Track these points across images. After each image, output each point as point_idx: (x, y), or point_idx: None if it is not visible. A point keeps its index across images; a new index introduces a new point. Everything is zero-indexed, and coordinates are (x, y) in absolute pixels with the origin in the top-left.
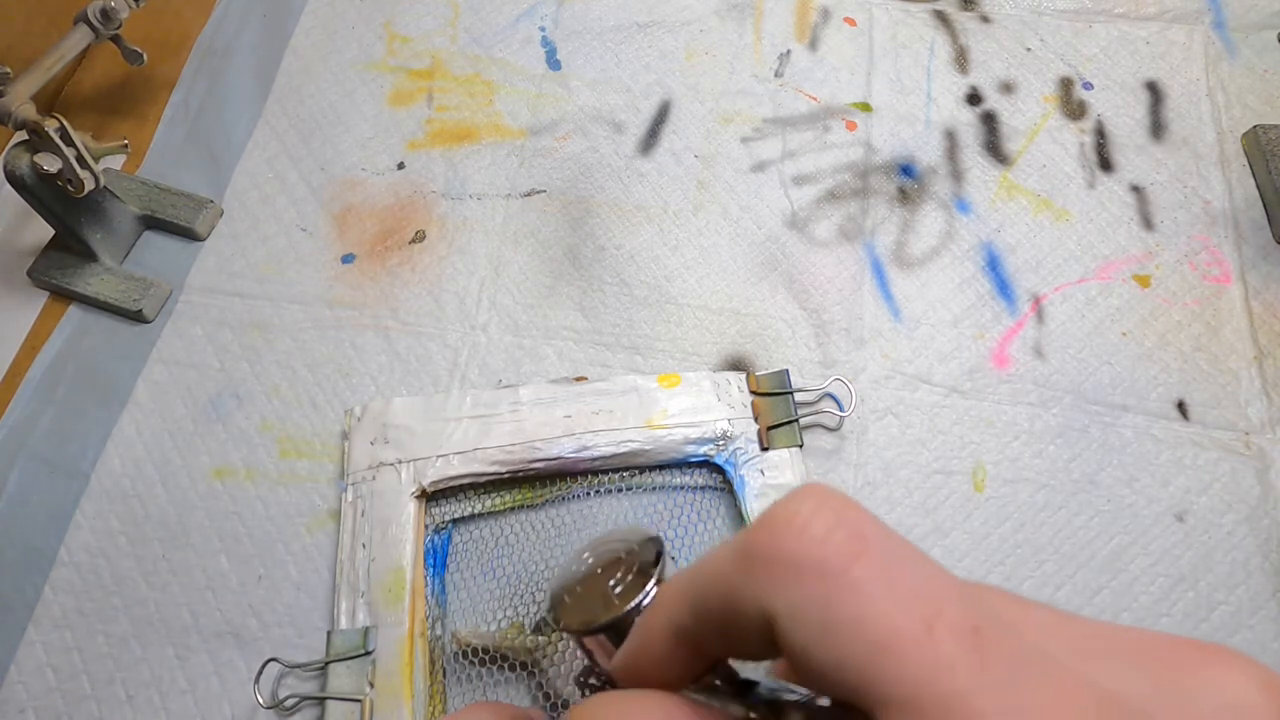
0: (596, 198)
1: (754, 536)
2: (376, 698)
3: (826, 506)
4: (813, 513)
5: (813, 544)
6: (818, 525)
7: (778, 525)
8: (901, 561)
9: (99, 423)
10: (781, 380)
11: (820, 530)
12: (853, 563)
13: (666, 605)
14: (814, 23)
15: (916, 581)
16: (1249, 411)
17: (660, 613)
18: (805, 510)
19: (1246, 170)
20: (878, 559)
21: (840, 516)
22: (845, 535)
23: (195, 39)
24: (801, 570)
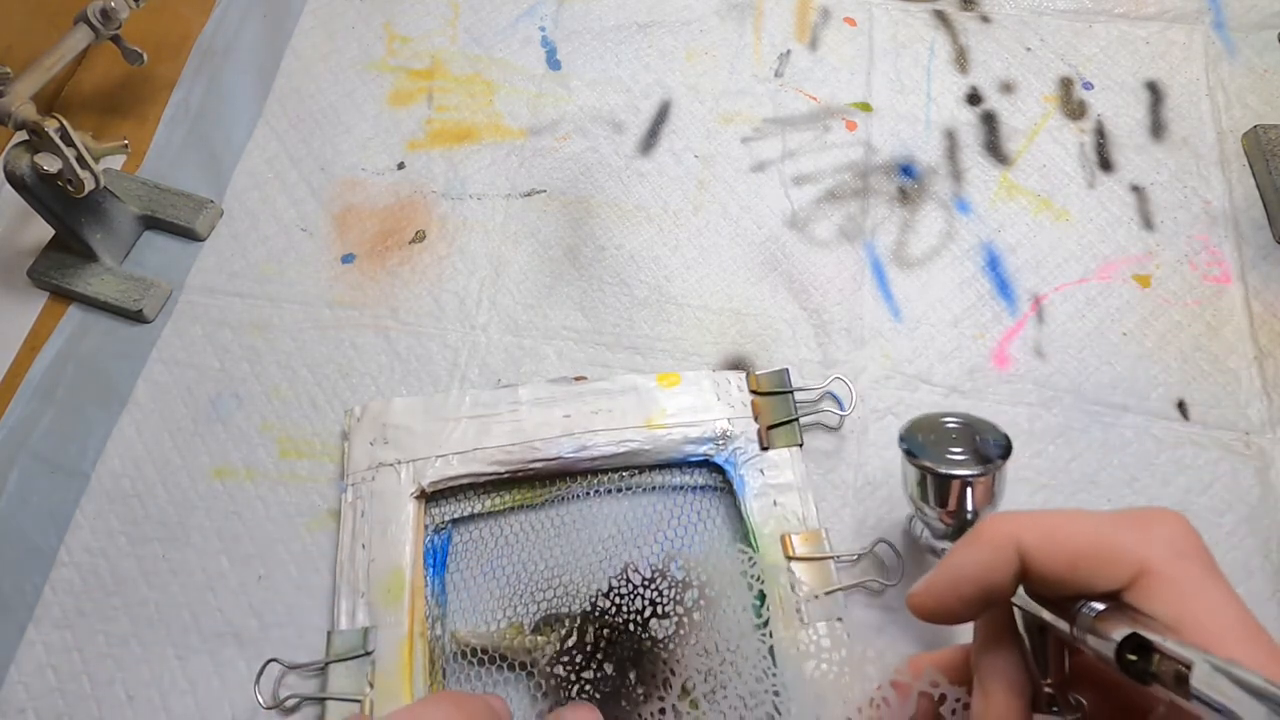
0: (596, 198)
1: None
2: (376, 698)
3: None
4: (1187, 526)
5: (1194, 542)
6: (1193, 537)
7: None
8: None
9: (99, 423)
10: (781, 380)
11: (1195, 540)
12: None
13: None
14: (814, 23)
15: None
16: (1249, 411)
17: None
18: (1178, 520)
19: (1246, 170)
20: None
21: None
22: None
23: (195, 39)
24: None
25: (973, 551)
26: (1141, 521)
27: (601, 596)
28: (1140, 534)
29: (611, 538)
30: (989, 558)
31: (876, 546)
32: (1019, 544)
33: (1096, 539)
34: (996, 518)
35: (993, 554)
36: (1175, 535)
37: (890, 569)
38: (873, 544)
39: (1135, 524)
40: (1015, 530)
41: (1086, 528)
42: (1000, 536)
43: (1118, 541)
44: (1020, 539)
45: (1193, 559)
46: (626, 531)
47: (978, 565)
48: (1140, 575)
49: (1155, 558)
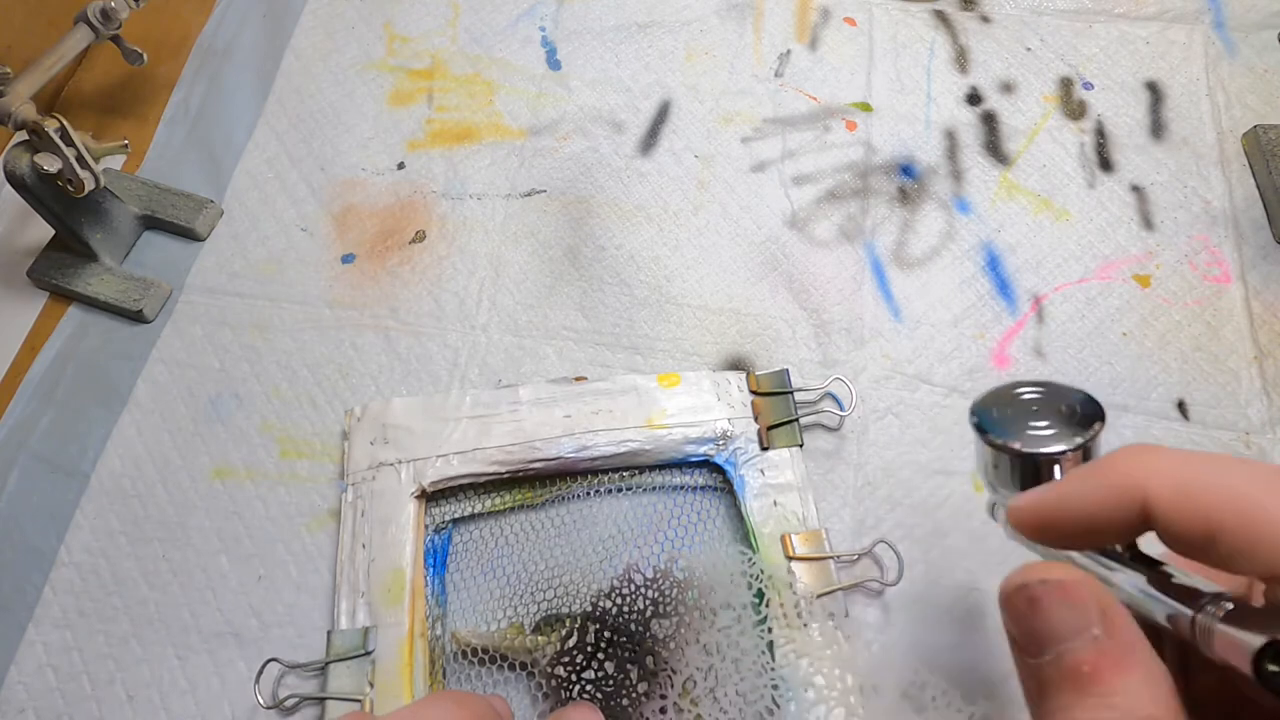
0: (596, 198)
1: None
2: (376, 698)
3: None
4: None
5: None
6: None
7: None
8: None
9: (99, 423)
10: (781, 380)
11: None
12: None
13: (1143, 471)
14: (814, 23)
15: None
16: (1249, 411)
17: (1130, 474)
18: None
19: (1246, 170)
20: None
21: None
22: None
23: (195, 39)
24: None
25: (1089, 487)
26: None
27: (603, 597)
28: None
29: (611, 538)
30: (1104, 500)
31: (876, 546)
32: (1145, 494)
33: (1245, 509)
34: (1129, 452)
35: (1110, 497)
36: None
37: (890, 569)
38: (873, 544)
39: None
40: (1144, 475)
41: (1235, 489)
42: (1124, 479)
43: (1268, 519)
44: (1148, 489)
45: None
46: (626, 532)
47: (1089, 506)
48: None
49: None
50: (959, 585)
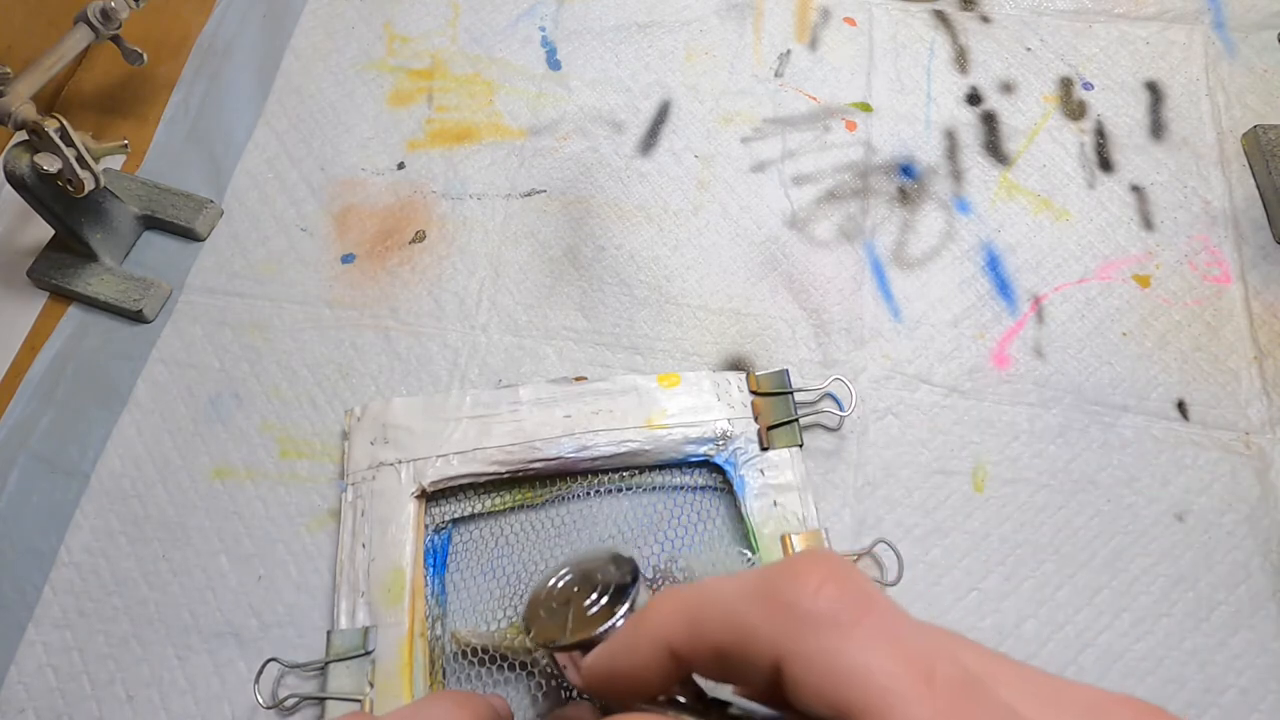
0: (596, 198)
1: (774, 586)
2: (376, 698)
3: (838, 571)
4: (826, 575)
5: (829, 601)
6: (831, 586)
7: (799, 580)
8: (899, 620)
9: (99, 423)
10: (781, 380)
11: (834, 590)
12: (861, 618)
13: (662, 619)
14: (814, 23)
15: (913, 638)
16: (1249, 411)
17: (653, 625)
18: (820, 572)
19: (1246, 170)
20: (880, 617)
21: (849, 579)
22: (854, 595)
23: (195, 39)
24: (819, 622)
25: (629, 647)
26: (773, 586)
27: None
28: (768, 608)
29: (611, 538)
30: (642, 656)
31: (876, 546)
32: (668, 643)
33: (733, 627)
34: (653, 603)
35: (645, 652)
36: (804, 595)
37: (890, 569)
38: (872, 544)
39: (765, 593)
40: (664, 627)
41: (726, 609)
42: (651, 633)
43: (749, 628)
44: (669, 637)
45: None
46: (626, 532)
47: (635, 664)
48: (781, 666)
49: (784, 640)
50: (959, 585)
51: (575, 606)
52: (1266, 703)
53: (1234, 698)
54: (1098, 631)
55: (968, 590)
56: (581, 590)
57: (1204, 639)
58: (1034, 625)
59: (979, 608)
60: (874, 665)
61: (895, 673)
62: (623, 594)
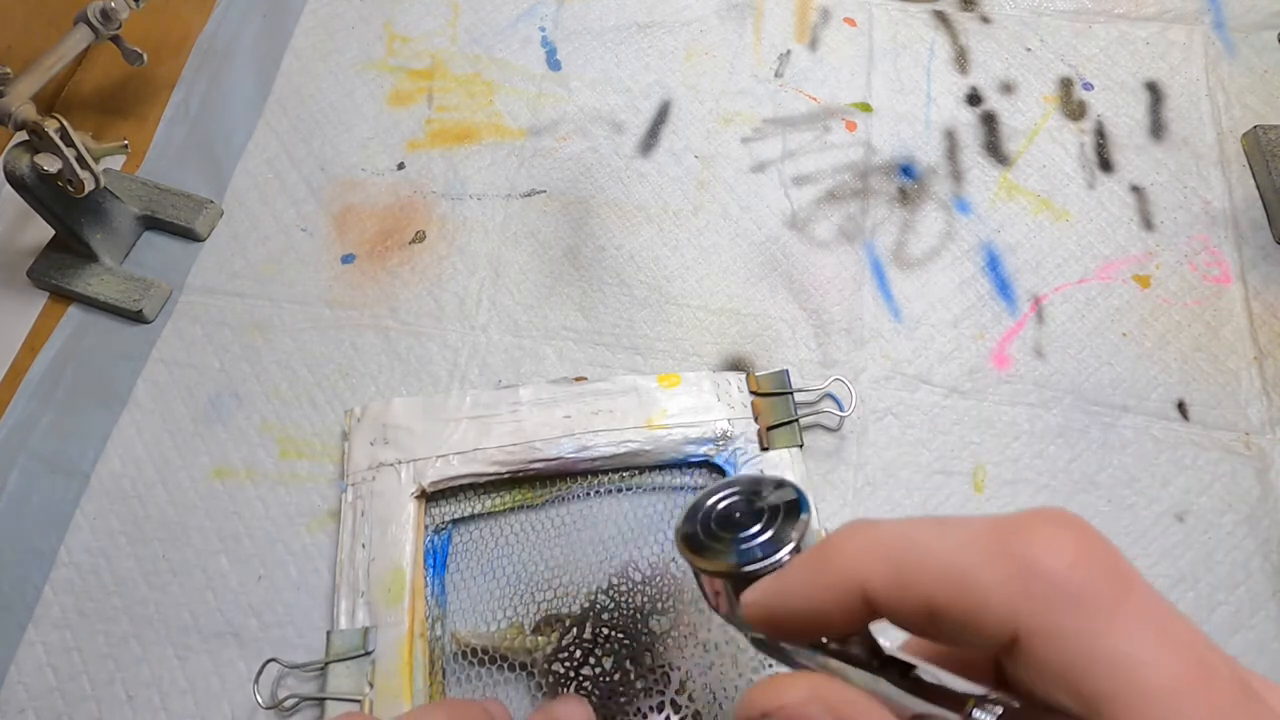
0: (596, 198)
1: (1015, 548)
2: (376, 698)
3: (1089, 539)
4: (1078, 544)
5: (1085, 575)
6: (1086, 558)
7: (1047, 543)
8: (1166, 608)
9: (99, 423)
10: (781, 380)
11: (1089, 563)
12: (1121, 601)
13: (858, 558)
14: (814, 23)
15: (1183, 630)
16: (1249, 412)
17: (846, 563)
18: (1068, 539)
19: (1246, 170)
20: (1144, 602)
21: (1105, 553)
22: (1111, 573)
23: (195, 39)
24: (1076, 598)
25: (810, 581)
26: (1012, 545)
27: (600, 593)
28: (1008, 570)
29: (612, 538)
30: (826, 595)
31: None
32: (864, 585)
33: (957, 584)
34: (845, 537)
35: (831, 591)
36: (1057, 563)
37: None
38: None
39: (1004, 552)
40: (860, 564)
41: (947, 564)
42: (842, 571)
43: (980, 590)
44: (867, 579)
45: (1083, 595)
46: (627, 532)
47: (814, 602)
48: (1018, 639)
49: (1029, 612)
50: None
51: (738, 531)
52: None
53: None
54: None
55: None
56: (745, 515)
57: None
58: None
59: None
60: (1144, 656)
61: (1169, 669)
62: (789, 526)
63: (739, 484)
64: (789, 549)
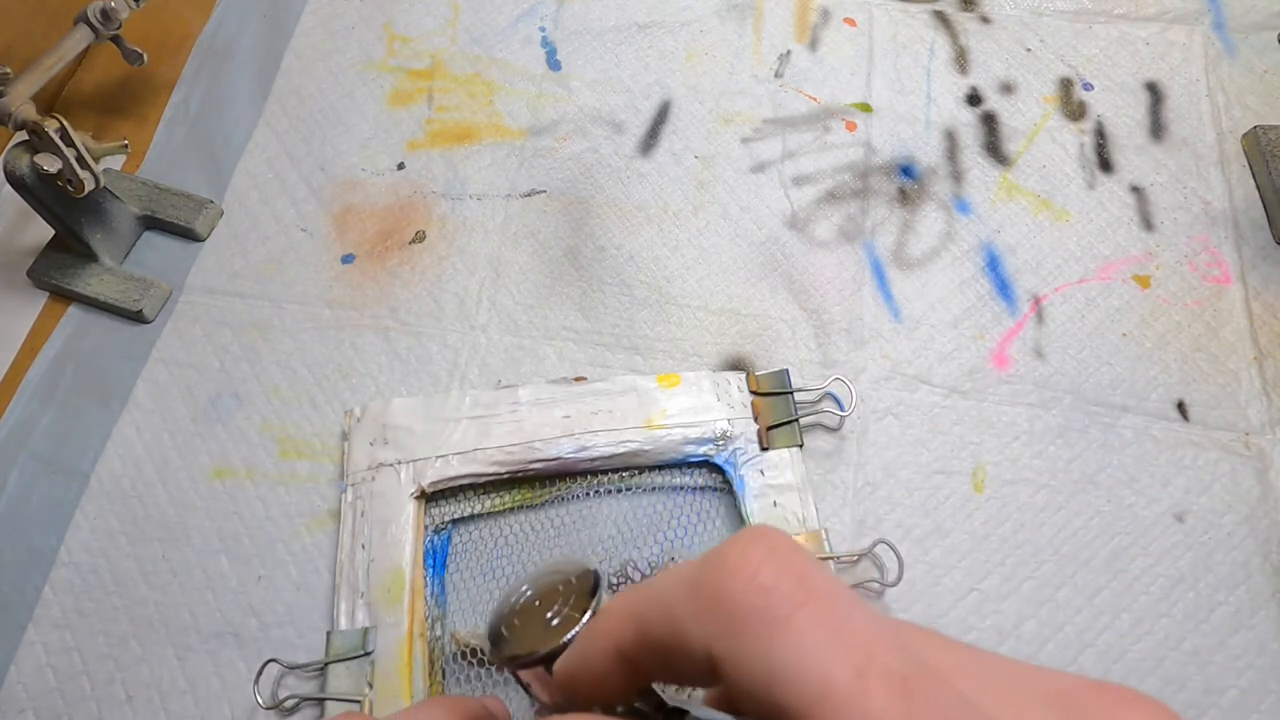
0: (596, 198)
1: (704, 577)
2: (376, 698)
3: (776, 553)
4: (762, 559)
5: (760, 591)
6: (766, 572)
7: (729, 569)
8: (842, 609)
9: (99, 423)
10: (781, 380)
11: (769, 577)
12: (797, 609)
13: (612, 623)
14: (814, 23)
15: (854, 629)
16: (1249, 412)
17: (605, 630)
18: (755, 556)
19: (1246, 171)
20: (820, 605)
21: (789, 562)
22: (791, 581)
23: (195, 39)
24: (749, 616)
25: (585, 654)
26: (704, 573)
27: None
28: (699, 597)
29: (611, 538)
30: (598, 664)
31: (876, 547)
32: (619, 650)
33: (664, 622)
34: (610, 605)
35: (601, 660)
36: (736, 582)
37: (890, 569)
38: (872, 545)
39: (697, 581)
40: (614, 629)
41: (659, 604)
42: (603, 638)
43: (679, 623)
44: (619, 644)
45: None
46: (626, 532)
47: (590, 672)
48: (716, 666)
49: (716, 636)
50: (959, 585)
51: (538, 621)
52: (1266, 703)
53: (1234, 698)
54: (1098, 632)
55: (968, 591)
56: (543, 604)
57: (1204, 639)
58: (1034, 626)
59: (979, 608)
60: (807, 662)
61: (830, 669)
62: (585, 604)
63: (536, 578)
64: (585, 621)
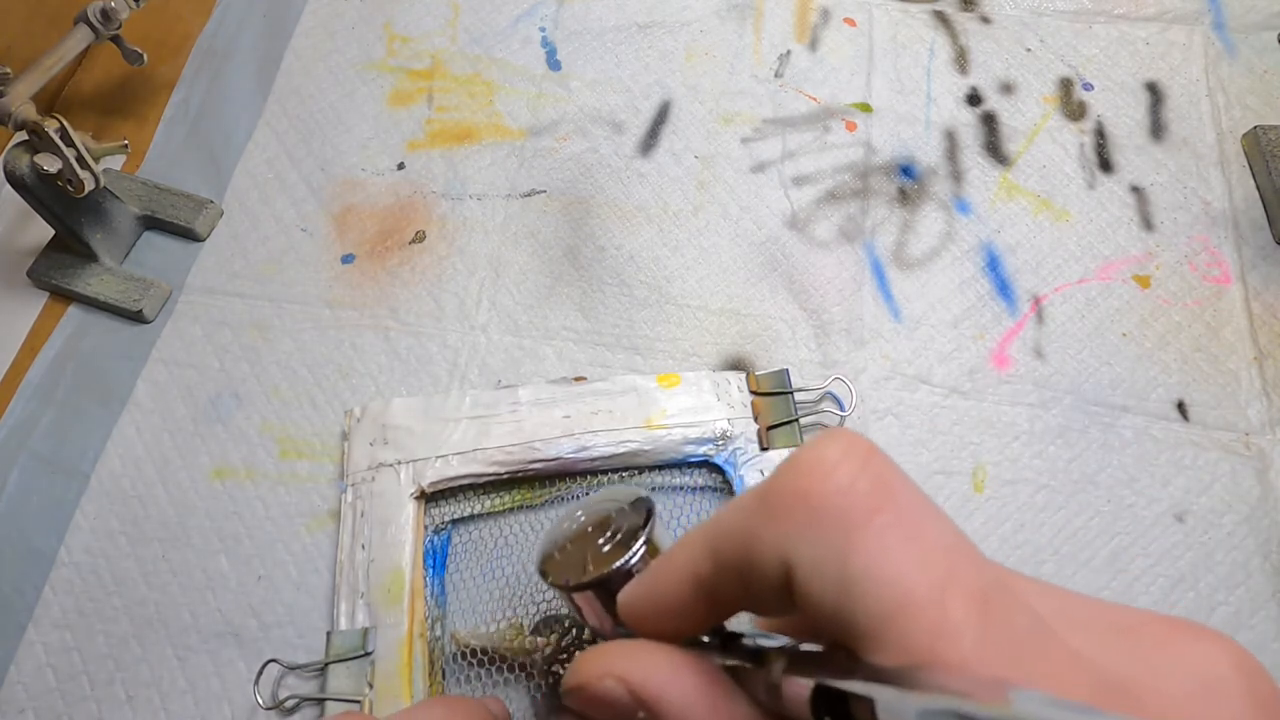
0: (596, 198)
1: (777, 481)
2: (376, 698)
3: (853, 452)
4: (839, 459)
5: (837, 492)
6: (843, 472)
7: (802, 469)
8: (922, 517)
9: (99, 423)
10: (781, 380)
11: (845, 478)
12: (875, 514)
13: (687, 551)
14: (814, 23)
15: (935, 541)
16: (1249, 412)
17: (680, 559)
18: (831, 455)
19: (1246, 171)
20: (899, 512)
21: (866, 464)
22: (869, 484)
23: (195, 39)
24: (824, 518)
25: (659, 584)
26: (780, 479)
27: None
28: (774, 503)
29: None
30: (668, 600)
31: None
32: (695, 578)
33: (738, 535)
34: (687, 535)
35: (671, 596)
36: (814, 484)
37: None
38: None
39: (772, 488)
40: (690, 562)
41: (732, 521)
42: (675, 574)
43: (752, 532)
44: (695, 572)
45: (836, 515)
46: None
47: (662, 604)
48: (790, 573)
49: (789, 541)
50: None
51: (590, 547)
52: None
53: None
54: None
55: None
56: (595, 531)
57: None
58: None
59: None
60: (885, 571)
61: (910, 580)
62: (636, 532)
63: (589, 504)
64: (640, 548)
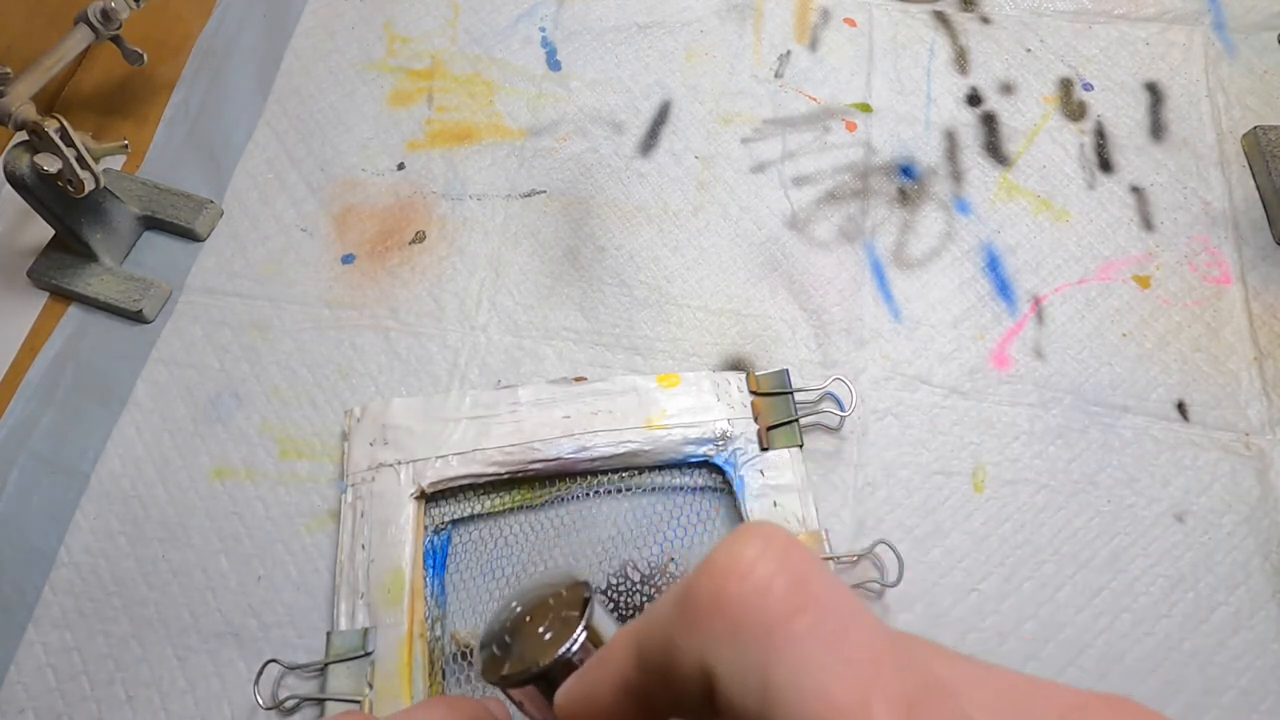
0: (596, 198)
1: (694, 583)
2: (376, 698)
3: (770, 549)
4: (755, 557)
5: (755, 593)
6: (759, 572)
7: (718, 571)
8: (845, 617)
9: (99, 423)
10: (781, 380)
11: (762, 578)
12: (794, 617)
13: (615, 656)
14: (814, 23)
15: (858, 644)
16: (1249, 412)
17: (608, 664)
18: (748, 554)
19: (1246, 171)
20: (821, 612)
21: (784, 561)
22: (787, 583)
23: (195, 39)
24: (742, 625)
25: (588, 698)
26: (700, 582)
27: (599, 593)
28: (695, 609)
29: (611, 539)
30: (603, 707)
31: (876, 547)
32: (626, 686)
33: (660, 639)
34: (616, 636)
35: (605, 704)
36: (731, 586)
37: (890, 570)
38: (872, 545)
39: (692, 591)
40: (620, 668)
41: (657, 626)
42: (608, 682)
43: (672, 639)
44: (625, 679)
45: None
46: (626, 533)
47: (601, 704)
48: (712, 683)
49: (709, 650)
50: (959, 585)
51: (529, 638)
52: (1266, 703)
53: (1234, 699)
54: (1098, 633)
55: (968, 591)
56: (534, 619)
57: (1204, 640)
58: (1034, 626)
59: (979, 609)
60: (806, 680)
61: (832, 690)
62: (574, 621)
63: (524, 593)
64: (579, 634)
